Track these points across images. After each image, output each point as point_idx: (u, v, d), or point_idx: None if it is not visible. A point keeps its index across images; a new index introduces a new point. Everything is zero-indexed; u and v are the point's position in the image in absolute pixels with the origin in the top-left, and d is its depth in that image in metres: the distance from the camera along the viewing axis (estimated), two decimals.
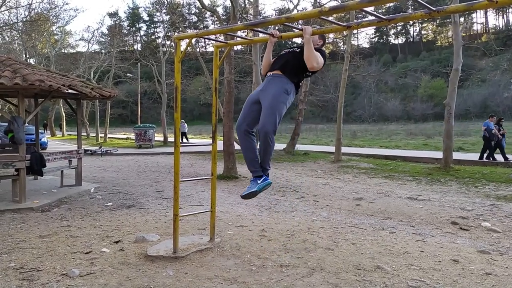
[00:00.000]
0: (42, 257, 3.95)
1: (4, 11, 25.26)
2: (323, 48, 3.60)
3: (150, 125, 22.95)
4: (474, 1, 2.73)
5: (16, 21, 27.38)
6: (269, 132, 3.19)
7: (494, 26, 71.52)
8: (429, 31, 75.71)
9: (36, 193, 7.48)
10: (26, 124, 6.56)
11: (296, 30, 3.67)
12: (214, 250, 4.13)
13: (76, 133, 9.36)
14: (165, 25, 31.86)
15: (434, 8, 2.86)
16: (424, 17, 2.98)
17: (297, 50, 3.45)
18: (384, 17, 3.13)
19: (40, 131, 10.54)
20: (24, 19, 27.54)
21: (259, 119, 3.27)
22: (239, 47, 32.95)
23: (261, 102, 3.31)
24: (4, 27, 26.48)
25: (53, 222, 5.43)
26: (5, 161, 6.55)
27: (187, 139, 25.07)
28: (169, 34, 30.69)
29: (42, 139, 18.02)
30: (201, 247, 4.15)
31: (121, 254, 4.02)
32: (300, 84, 3.50)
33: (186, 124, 26.06)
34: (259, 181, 3.32)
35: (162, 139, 24.61)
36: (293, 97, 3.40)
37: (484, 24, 69.91)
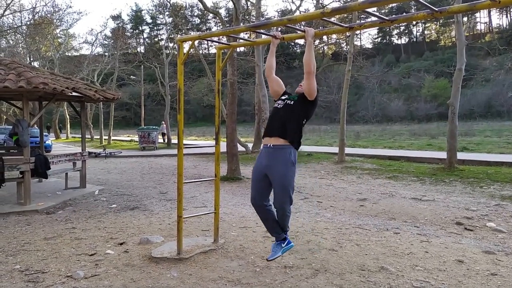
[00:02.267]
0: (47, 259, 3.97)
1: (8, 14, 25.46)
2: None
3: (154, 127, 23.02)
4: (477, 1, 2.73)
5: (20, 24, 27.59)
6: (286, 209, 3.34)
7: (498, 25, 71.22)
8: (432, 31, 75.44)
9: (41, 195, 7.52)
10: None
11: (299, 32, 3.68)
12: (218, 251, 4.14)
13: (80, 136, 9.40)
14: (168, 27, 31.95)
15: (436, 9, 2.86)
16: (427, 17, 2.98)
17: (291, 103, 3.37)
18: (387, 18, 3.14)
19: (44, 133, 10.59)
20: (28, 23, 27.73)
21: (271, 188, 3.37)
22: (241, 48, 33.02)
23: (270, 179, 3.34)
24: (8, 31, 26.67)
25: (57, 224, 5.45)
26: (10, 163, 6.59)
27: (164, 138, 25.57)
28: (172, 36, 30.76)
29: (47, 142, 18.11)
30: (205, 248, 4.15)
31: (126, 256, 4.03)
32: (302, 134, 3.45)
33: (165, 126, 26.54)
34: (283, 245, 3.46)
35: (165, 141, 24.65)
36: (296, 162, 3.38)
37: (488, 23, 69.62)
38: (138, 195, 7.92)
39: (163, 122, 26.80)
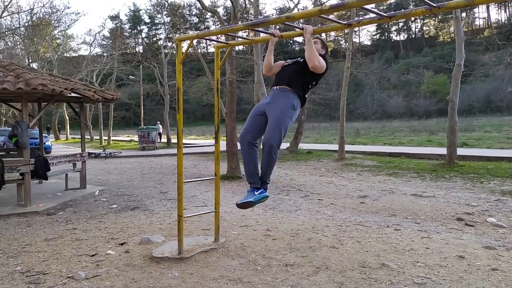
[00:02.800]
0: (48, 260, 3.97)
1: (6, 16, 25.41)
2: (326, 56, 3.58)
3: (153, 126, 23.01)
4: None
5: (18, 26, 27.54)
6: (274, 146, 3.21)
7: (497, 20, 71.16)
8: (431, 27, 75.37)
9: (41, 196, 7.53)
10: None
11: (297, 29, 3.67)
12: (219, 250, 4.14)
13: (79, 136, 9.40)
14: (166, 26, 31.94)
15: (435, 4, 2.84)
16: (425, 13, 2.97)
17: (301, 60, 3.44)
18: (385, 14, 3.13)
19: (44, 134, 10.58)
20: (26, 24, 27.71)
21: (264, 132, 3.29)
22: (240, 47, 32.98)
23: (268, 115, 3.32)
24: (6, 32, 26.63)
25: (58, 225, 5.45)
26: (10, 165, 6.59)
27: (160, 138, 26.18)
28: (170, 35, 30.74)
29: (46, 143, 18.11)
30: (206, 247, 4.15)
31: (127, 256, 4.03)
32: (306, 96, 3.48)
33: (161, 126, 27.26)
34: (256, 193, 3.32)
35: (165, 140, 24.67)
36: (299, 111, 3.40)
37: (486, 18, 69.53)
38: (139, 195, 7.92)
39: (158, 122, 27.42)
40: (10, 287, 3.32)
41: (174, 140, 24.12)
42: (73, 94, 7.30)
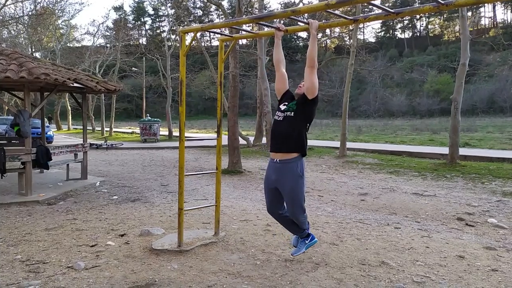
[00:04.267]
0: (48, 249, 3.98)
1: (10, 4, 25.33)
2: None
3: (155, 119, 23.00)
4: None
5: (22, 14, 27.46)
6: (300, 217, 3.45)
7: (503, 20, 70.68)
8: (436, 26, 74.90)
9: (42, 186, 7.54)
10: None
11: (302, 24, 3.64)
12: (219, 244, 4.14)
13: (81, 127, 9.40)
14: (170, 19, 31.80)
15: (442, 2, 2.81)
16: (432, 10, 2.94)
17: (292, 114, 3.32)
18: (392, 11, 3.09)
19: (46, 124, 10.59)
20: (30, 13, 27.62)
21: (284, 199, 3.44)
22: (244, 41, 32.89)
23: (280, 190, 3.41)
24: (10, 21, 26.56)
25: (59, 215, 5.46)
26: (12, 154, 6.59)
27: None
28: (174, 28, 30.62)
29: (48, 133, 18.13)
30: (205, 241, 4.16)
31: (126, 248, 4.04)
32: (307, 143, 3.44)
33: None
34: (307, 241, 3.60)
35: (167, 133, 24.69)
36: (304, 170, 3.42)
37: (492, 18, 69.05)
38: (139, 187, 7.92)
39: (148, 115, 27.61)
40: (10, 276, 3.33)
41: (175, 133, 24.14)
42: (75, 85, 7.28)
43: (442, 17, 69.30)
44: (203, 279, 3.26)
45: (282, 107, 3.44)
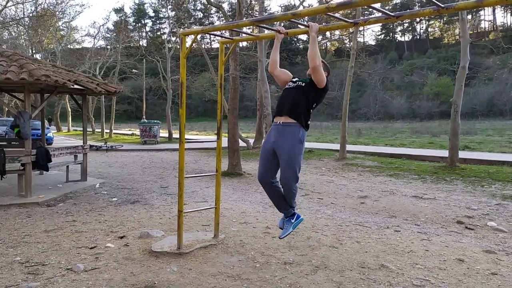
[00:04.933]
0: (47, 251, 3.97)
1: (10, 6, 25.40)
2: (328, 78, 3.56)
3: (155, 121, 23.01)
4: None
5: (22, 16, 27.52)
6: (292, 186, 3.35)
7: (502, 23, 70.80)
8: (436, 29, 75.07)
9: (41, 187, 7.53)
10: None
11: (302, 27, 3.65)
12: (218, 246, 4.13)
13: (81, 129, 9.40)
14: (171, 21, 31.83)
15: (442, 5, 2.82)
16: (432, 14, 2.95)
17: (303, 85, 3.41)
18: (392, 14, 3.10)
19: (46, 126, 10.58)
20: (31, 15, 27.67)
21: (279, 168, 3.38)
22: (244, 43, 32.90)
23: (277, 155, 3.36)
24: (11, 23, 26.61)
25: (58, 217, 5.46)
26: (12, 155, 6.59)
27: None
28: (175, 30, 30.66)
29: (48, 134, 18.13)
30: (205, 243, 4.15)
31: (126, 250, 4.03)
32: (309, 123, 3.48)
33: (146, 120, 28.33)
34: (293, 220, 3.51)
35: (167, 135, 24.69)
36: (305, 139, 3.43)
37: (492, 21, 69.19)
38: (139, 189, 7.92)
39: (144, 117, 28.89)
40: (9, 277, 3.32)
41: (175, 135, 24.15)
42: (76, 86, 7.28)
43: (442, 20, 69.46)
44: (203, 282, 3.26)
45: (294, 79, 3.54)
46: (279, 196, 3.48)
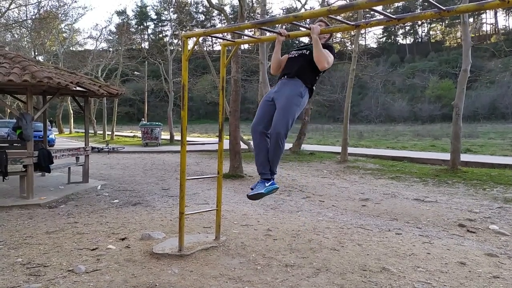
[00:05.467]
0: (49, 253, 3.98)
1: (13, 8, 25.52)
2: (330, 41, 3.59)
3: (157, 123, 23.05)
4: (485, 1, 2.70)
5: (25, 18, 27.64)
6: (281, 134, 3.20)
7: (504, 26, 70.78)
8: (438, 32, 75.07)
9: (43, 189, 7.55)
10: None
11: (304, 29, 3.66)
12: (220, 248, 4.13)
13: (83, 130, 9.42)
14: (173, 23, 31.96)
15: (444, 8, 2.83)
16: (434, 16, 2.95)
17: (307, 53, 3.43)
18: (394, 17, 3.11)
19: (48, 127, 10.61)
20: (33, 17, 27.79)
21: (276, 109, 3.30)
22: (246, 46, 32.95)
23: (275, 103, 3.32)
24: (13, 25, 26.73)
25: (60, 219, 5.47)
26: (13, 157, 6.61)
27: None
28: (177, 32, 30.77)
29: (50, 136, 18.17)
30: (206, 245, 4.15)
31: (127, 251, 4.03)
32: (314, 88, 3.48)
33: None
34: (267, 184, 3.33)
35: (168, 137, 24.72)
36: (306, 100, 3.40)
37: (494, 24, 69.18)
38: (140, 191, 7.93)
39: (143, 119, 29.89)
40: (11, 279, 3.33)
41: (177, 137, 24.19)
42: (78, 88, 7.31)
43: (443, 23, 69.47)
44: (204, 284, 3.25)
45: (296, 49, 3.55)
46: (265, 153, 3.33)
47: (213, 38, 4.82)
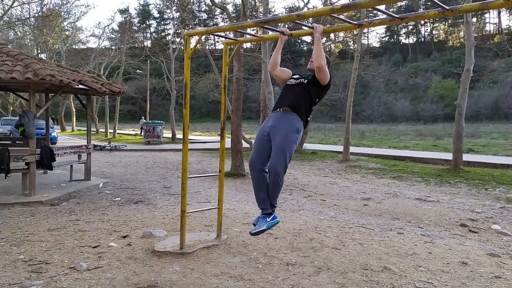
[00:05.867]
0: (51, 250, 3.99)
1: (16, 6, 25.56)
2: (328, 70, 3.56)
3: (159, 121, 23.07)
4: (489, 0, 2.69)
5: (28, 16, 27.69)
6: (280, 173, 3.22)
7: (508, 26, 70.46)
8: (441, 31, 74.78)
9: (45, 187, 7.57)
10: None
11: (307, 28, 3.65)
12: (221, 247, 4.14)
13: (85, 128, 9.44)
14: (175, 22, 31.96)
15: (447, 7, 2.82)
16: (437, 16, 2.94)
17: (305, 82, 3.39)
18: (397, 16, 3.10)
19: (50, 125, 10.63)
20: (36, 15, 27.83)
21: (272, 147, 3.30)
22: (248, 45, 32.89)
23: (272, 139, 3.29)
24: (16, 23, 26.79)
25: (61, 216, 5.48)
26: (16, 154, 6.63)
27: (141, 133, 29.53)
28: (179, 31, 30.77)
29: (52, 134, 18.21)
30: (207, 243, 4.16)
31: (129, 249, 4.04)
32: (309, 119, 3.47)
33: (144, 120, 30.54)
34: (268, 219, 3.36)
35: (170, 135, 24.75)
36: (302, 133, 3.39)
37: (497, 24, 68.88)
38: (142, 189, 7.94)
39: (143, 117, 30.89)
40: (13, 275, 3.34)
41: (179, 135, 24.21)
42: (80, 86, 7.32)
43: (446, 23, 69.20)
44: (205, 282, 3.26)
45: (295, 76, 3.52)
46: (263, 188, 3.35)
47: (216, 37, 4.81)
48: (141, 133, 29.61)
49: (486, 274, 3.52)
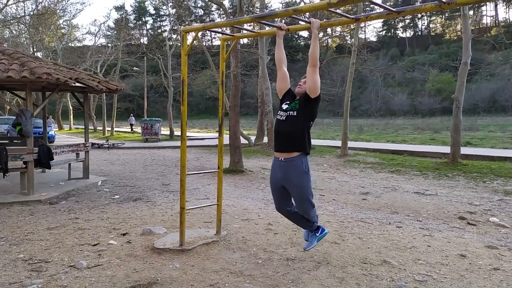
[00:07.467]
0: (50, 248, 3.99)
1: (11, 4, 25.39)
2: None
3: (157, 118, 23.03)
4: None
5: (23, 14, 27.51)
6: (309, 212, 3.48)
7: (504, 19, 70.48)
8: (438, 25, 74.74)
9: (44, 185, 7.55)
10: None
11: (304, 23, 3.64)
12: (221, 243, 4.15)
13: (83, 127, 9.41)
14: (171, 18, 31.85)
15: (444, 0, 2.81)
16: (434, 9, 2.93)
17: (294, 113, 3.35)
18: (394, 9, 3.09)
19: (48, 123, 10.60)
20: (32, 13, 27.66)
21: (292, 196, 3.48)
22: (245, 40, 32.85)
23: (288, 189, 3.44)
24: (11, 21, 26.61)
25: (61, 215, 5.48)
26: (14, 154, 6.61)
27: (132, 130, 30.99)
28: (175, 27, 30.65)
29: (50, 132, 18.16)
30: (207, 240, 4.16)
31: (128, 247, 4.05)
32: (311, 144, 3.49)
33: (134, 118, 32.28)
34: (317, 234, 3.64)
35: (168, 132, 24.72)
36: (309, 164, 3.44)
37: (494, 17, 68.86)
38: (141, 186, 7.94)
39: (132, 115, 31.90)
40: (13, 274, 3.34)
41: (177, 132, 24.20)
42: (77, 84, 7.29)
43: (443, 16, 69.16)
44: (205, 278, 3.27)
45: (284, 106, 3.46)
46: (299, 218, 3.59)
47: (212, 33, 4.78)
48: (131, 130, 30.44)
49: (484, 266, 3.54)
